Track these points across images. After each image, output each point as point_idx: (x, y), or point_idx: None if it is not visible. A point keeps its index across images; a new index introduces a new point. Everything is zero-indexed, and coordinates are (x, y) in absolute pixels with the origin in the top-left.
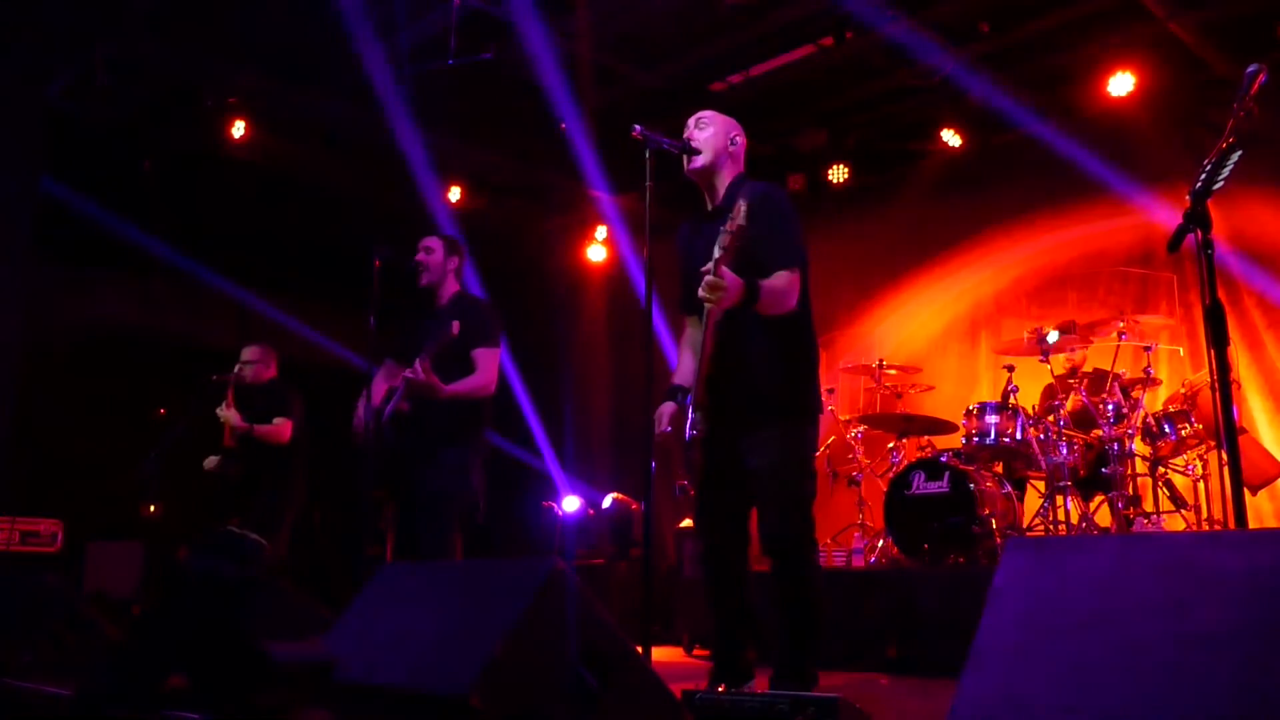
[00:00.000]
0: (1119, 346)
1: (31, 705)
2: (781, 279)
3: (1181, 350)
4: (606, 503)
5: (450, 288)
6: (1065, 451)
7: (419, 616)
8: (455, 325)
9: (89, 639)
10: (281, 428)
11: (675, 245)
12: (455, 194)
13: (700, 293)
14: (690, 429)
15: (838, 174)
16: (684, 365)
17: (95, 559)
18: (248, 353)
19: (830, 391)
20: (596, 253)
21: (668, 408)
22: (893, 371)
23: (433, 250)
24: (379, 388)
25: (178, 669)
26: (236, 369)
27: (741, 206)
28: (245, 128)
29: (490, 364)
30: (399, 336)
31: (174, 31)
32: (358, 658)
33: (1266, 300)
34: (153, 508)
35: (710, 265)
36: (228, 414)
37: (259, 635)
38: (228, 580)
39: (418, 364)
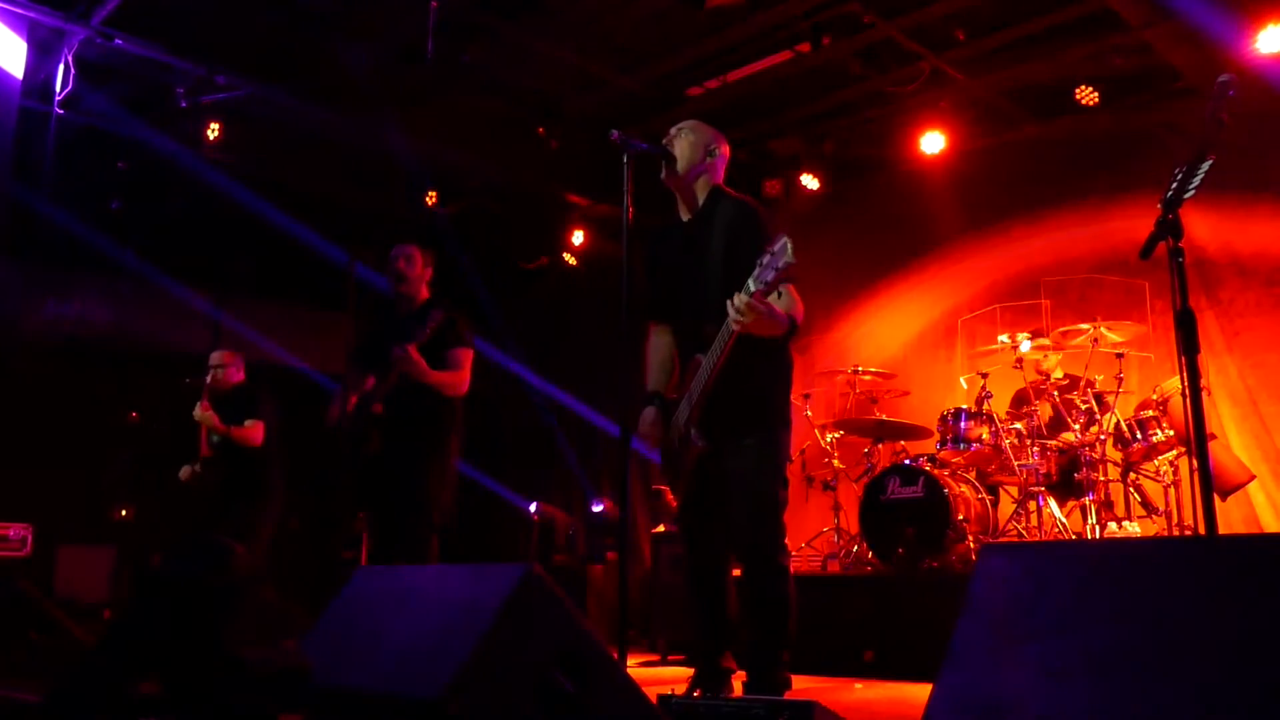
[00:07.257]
0: (1091, 353)
1: (0, 711)
2: (790, 300)
3: (1153, 356)
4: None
5: (421, 295)
6: (1038, 457)
7: (394, 621)
8: (439, 314)
9: (59, 644)
10: (254, 430)
11: (646, 250)
12: (432, 198)
13: (734, 317)
14: (694, 441)
15: (814, 179)
16: (655, 372)
17: (66, 563)
18: (216, 357)
19: (806, 397)
20: (572, 258)
21: (650, 413)
22: (868, 377)
23: (411, 258)
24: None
25: (150, 674)
26: (208, 374)
27: (787, 243)
28: (219, 129)
29: (466, 363)
30: (366, 341)
31: (148, 32)
32: (333, 662)
33: (1236, 307)
34: (124, 512)
35: (746, 292)
36: (205, 415)
37: (233, 640)
38: (201, 584)
39: (403, 347)
